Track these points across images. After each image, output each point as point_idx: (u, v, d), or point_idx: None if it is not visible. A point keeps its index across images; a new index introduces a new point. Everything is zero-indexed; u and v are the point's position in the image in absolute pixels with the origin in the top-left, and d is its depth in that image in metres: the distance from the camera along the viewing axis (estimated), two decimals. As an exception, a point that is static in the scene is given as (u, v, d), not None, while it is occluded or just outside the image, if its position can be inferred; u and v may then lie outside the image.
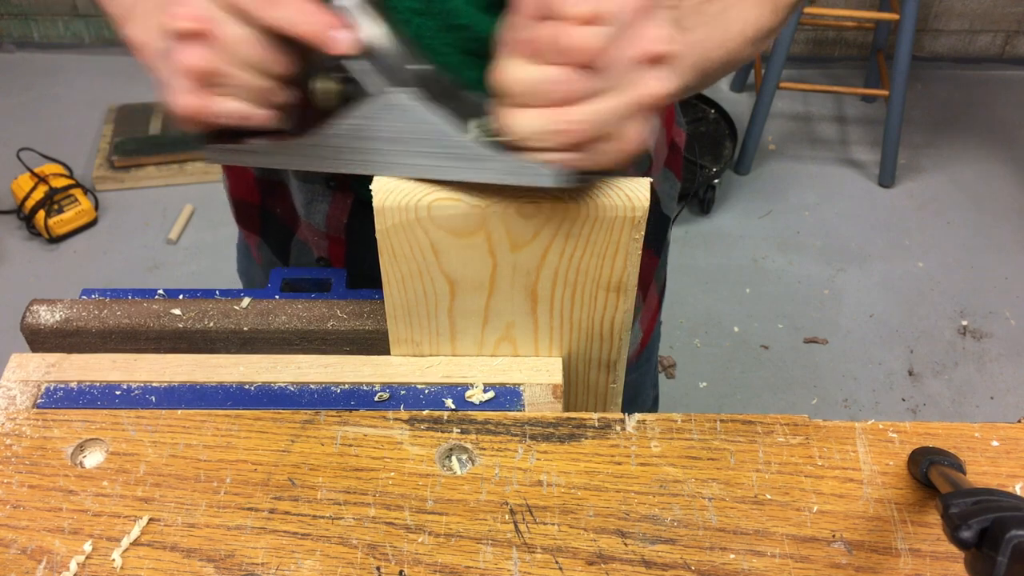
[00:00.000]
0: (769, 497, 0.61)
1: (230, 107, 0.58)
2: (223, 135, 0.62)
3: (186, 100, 0.58)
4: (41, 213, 2.50)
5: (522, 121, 0.54)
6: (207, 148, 0.63)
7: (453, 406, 0.68)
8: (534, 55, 0.53)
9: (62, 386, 0.69)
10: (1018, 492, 0.62)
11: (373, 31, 0.57)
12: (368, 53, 0.57)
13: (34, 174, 2.57)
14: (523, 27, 0.54)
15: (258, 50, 0.57)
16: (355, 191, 0.83)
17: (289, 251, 0.94)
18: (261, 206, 0.95)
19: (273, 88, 0.59)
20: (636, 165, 0.87)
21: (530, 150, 0.55)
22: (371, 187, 0.61)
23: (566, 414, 0.66)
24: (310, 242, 0.90)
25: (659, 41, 0.54)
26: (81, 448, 0.64)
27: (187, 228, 2.59)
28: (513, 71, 0.54)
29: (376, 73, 0.58)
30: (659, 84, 0.54)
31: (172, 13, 0.57)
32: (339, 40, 0.56)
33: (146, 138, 2.79)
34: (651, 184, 0.61)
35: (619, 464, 0.63)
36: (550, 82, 0.53)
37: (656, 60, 0.54)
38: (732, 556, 0.58)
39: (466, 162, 0.58)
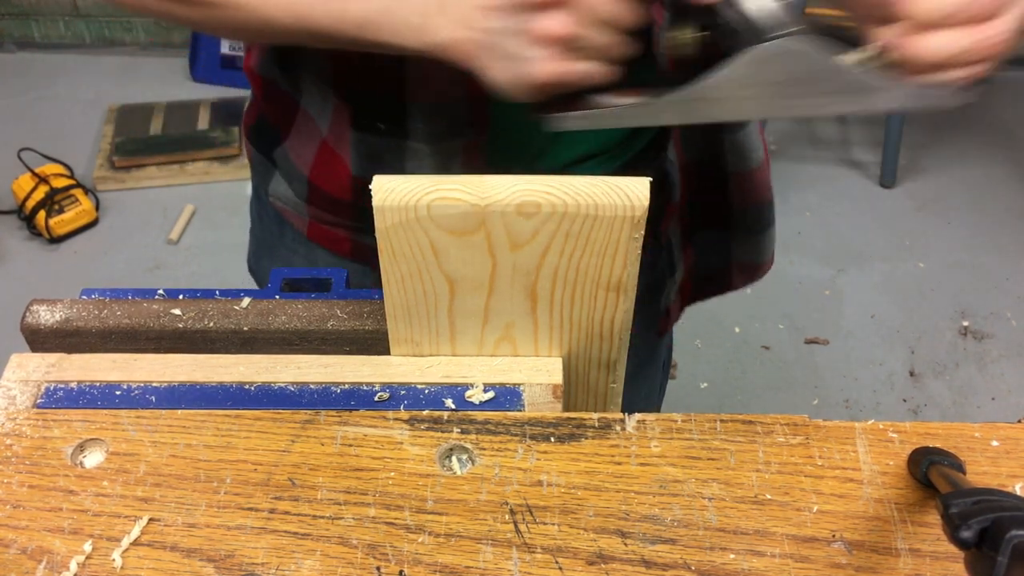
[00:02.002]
0: (769, 497, 0.61)
1: (587, 70, 0.60)
2: (554, 100, 0.62)
3: (549, 68, 0.59)
4: (42, 213, 2.50)
5: (945, 42, 0.56)
6: (552, 117, 0.62)
7: (453, 406, 0.68)
8: None
9: (62, 386, 0.69)
10: (1018, 492, 0.62)
11: None
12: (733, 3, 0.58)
13: (35, 174, 2.57)
14: None
15: (614, 6, 0.58)
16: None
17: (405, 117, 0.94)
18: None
19: (623, 41, 0.60)
20: None
21: (937, 71, 0.57)
22: (371, 187, 0.61)
23: (566, 414, 0.66)
24: (442, 96, 0.90)
25: None
26: (81, 448, 0.64)
27: (188, 228, 2.59)
28: None
29: (748, 20, 0.58)
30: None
31: None
32: None
33: (147, 138, 2.80)
34: (649, 183, 0.61)
35: (619, 464, 0.63)
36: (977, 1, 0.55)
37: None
38: (732, 556, 0.58)
39: (861, 95, 0.57)
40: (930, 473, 0.59)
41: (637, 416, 0.66)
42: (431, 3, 0.66)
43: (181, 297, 0.74)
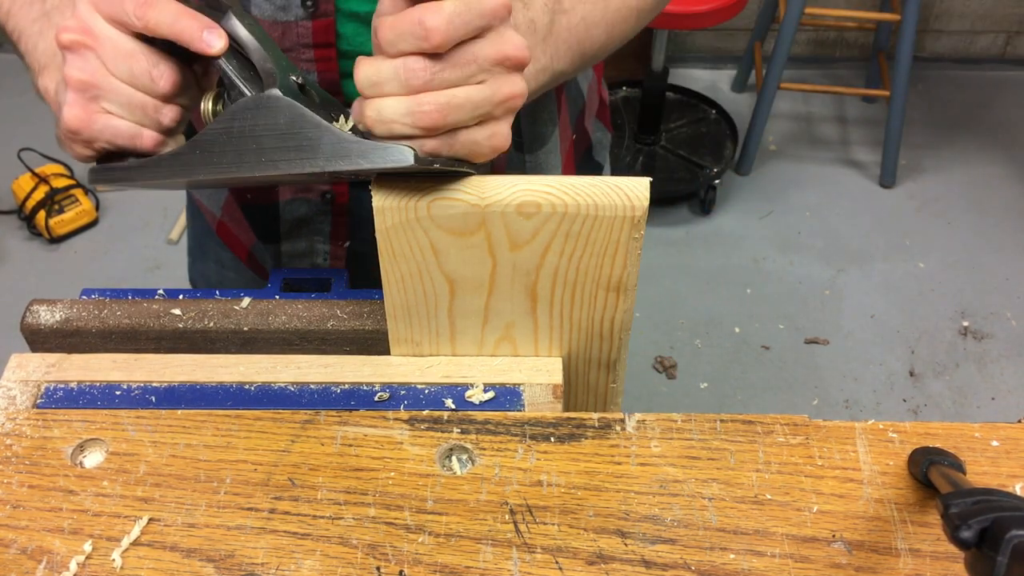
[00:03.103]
0: (769, 497, 0.61)
1: (115, 124, 0.59)
2: (112, 163, 0.61)
3: (70, 112, 0.58)
4: (42, 213, 2.50)
5: (383, 106, 0.55)
6: (90, 171, 0.62)
7: (453, 406, 0.68)
8: (392, 44, 0.55)
9: (62, 386, 0.69)
10: (1018, 492, 0.62)
11: (244, 35, 0.58)
12: (242, 55, 0.58)
13: (35, 174, 2.57)
14: (380, 22, 0.55)
15: (140, 61, 0.58)
16: None
17: (279, 220, 0.94)
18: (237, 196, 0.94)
19: (157, 106, 0.59)
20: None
21: (392, 138, 0.56)
22: (371, 187, 0.61)
23: (566, 414, 0.66)
24: (305, 191, 0.90)
25: (519, 47, 0.56)
26: (81, 448, 0.64)
27: (188, 228, 2.59)
28: (371, 65, 0.56)
29: (250, 74, 0.58)
30: (515, 87, 0.57)
31: (58, 28, 0.58)
32: (212, 41, 0.57)
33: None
34: (649, 183, 0.61)
35: (619, 464, 0.63)
36: (408, 68, 0.54)
37: (514, 65, 0.56)
38: (732, 556, 0.58)
39: (329, 156, 0.57)
40: (930, 473, 0.59)
41: (637, 416, 0.66)
42: (46, 52, 0.66)
43: (181, 297, 0.74)
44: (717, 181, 2.54)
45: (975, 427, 0.65)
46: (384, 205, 0.60)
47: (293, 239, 0.92)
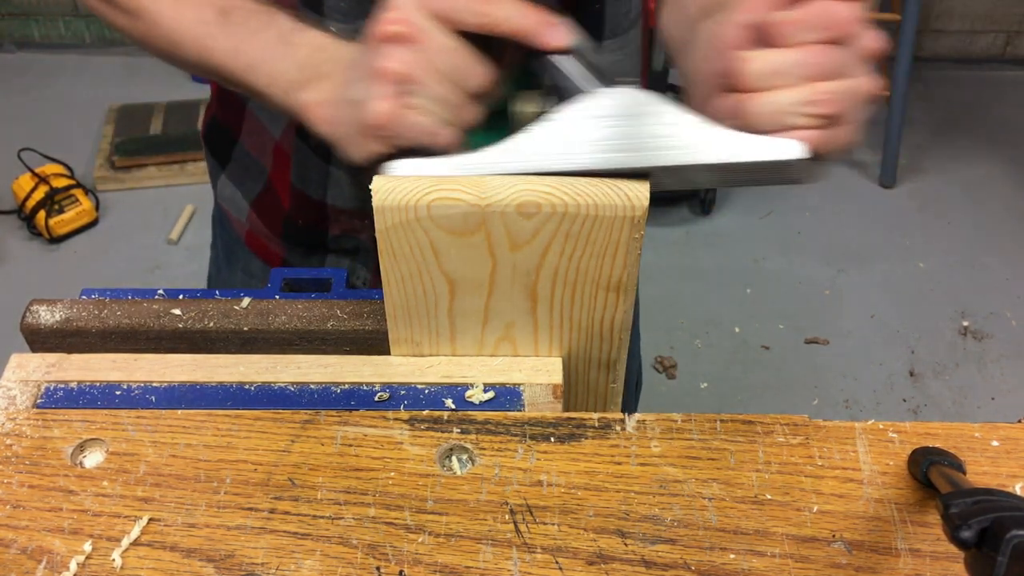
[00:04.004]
0: (769, 497, 0.61)
1: (422, 122, 0.58)
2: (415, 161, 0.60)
3: (380, 106, 0.57)
4: (42, 213, 2.50)
5: (777, 98, 0.55)
6: (385, 169, 0.60)
7: (453, 406, 0.68)
8: (786, 37, 0.54)
9: (62, 386, 0.69)
10: (1018, 492, 0.62)
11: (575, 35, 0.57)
12: (576, 51, 0.57)
13: (35, 174, 2.57)
14: (767, 17, 0.55)
15: (460, 60, 0.57)
16: None
17: (327, 248, 0.94)
18: (289, 213, 0.94)
19: (465, 104, 0.59)
20: None
21: (782, 127, 0.56)
22: (371, 187, 0.61)
23: (566, 414, 0.66)
24: (359, 230, 0.90)
25: (878, 41, 0.56)
26: (81, 448, 0.64)
27: (187, 228, 2.59)
28: (766, 56, 0.55)
29: (587, 71, 0.57)
30: (874, 81, 0.57)
31: (380, 19, 0.57)
32: (555, 35, 0.56)
33: (147, 138, 2.80)
34: (649, 183, 0.61)
35: (619, 464, 0.63)
36: (812, 56, 0.54)
37: (876, 57, 0.57)
38: (732, 556, 0.58)
39: (710, 149, 0.56)
40: (930, 473, 0.59)
41: (637, 416, 0.66)
42: (311, 65, 0.65)
43: (181, 297, 0.74)
44: (717, 181, 2.53)
45: (975, 427, 0.65)
46: (384, 205, 0.60)
47: (338, 257, 0.93)
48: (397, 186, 0.60)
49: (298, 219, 0.94)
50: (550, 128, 0.57)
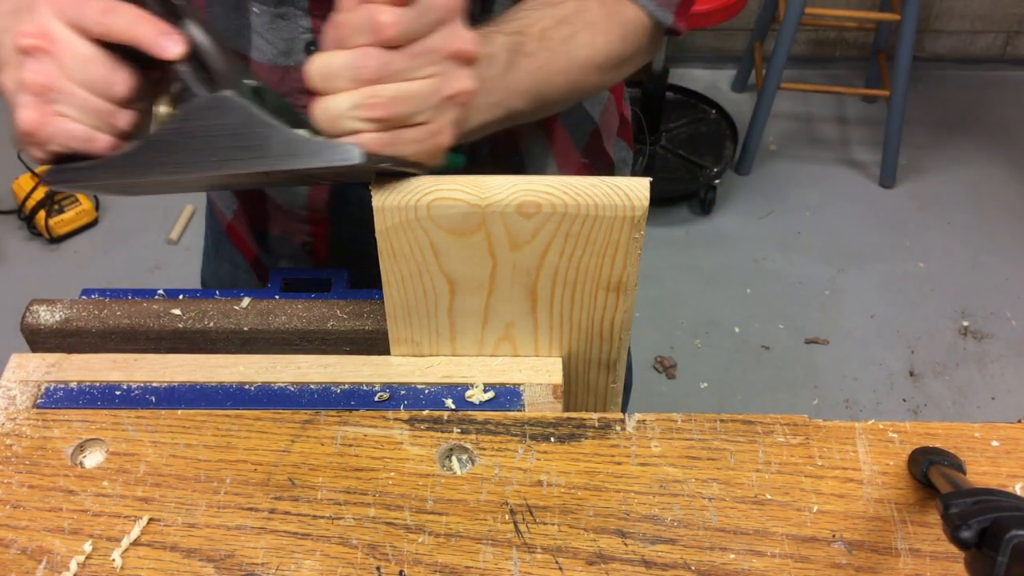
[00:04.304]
0: (769, 497, 0.61)
1: (70, 128, 0.59)
2: (67, 164, 0.61)
3: (25, 114, 0.58)
4: (42, 213, 2.50)
5: (332, 102, 0.55)
6: (46, 173, 0.62)
7: (453, 406, 0.68)
8: (344, 40, 0.55)
9: (62, 386, 0.69)
10: (1018, 492, 0.62)
11: (202, 40, 0.58)
12: (198, 59, 0.58)
13: (35, 174, 2.57)
14: (336, 18, 0.55)
15: (97, 67, 0.58)
16: None
17: (270, 252, 0.94)
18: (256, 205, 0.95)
19: (113, 110, 0.59)
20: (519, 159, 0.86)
21: (342, 135, 0.56)
22: (371, 187, 0.61)
23: (566, 414, 0.66)
24: (290, 232, 0.90)
25: (470, 41, 0.57)
26: (81, 448, 0.64)
27: (187, 228, 2.59)
28: (323, 58, 0.56)
29: (205, 77, 0.58)
30: (467, 82, 0.57)
31: (17, 32, 0.58)
32: (169, 44, 0.57)
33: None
34: (650, 183, 0.61)
35: (619, 464, 0.63)
36: (360, 59, 0.54)
37: (467, 59, 0.57)
38: (732, 556, 0.58)
39: (279, 156, 0.57)
40: (930, 473, 0.59)
41: (637, 416, 0.66)
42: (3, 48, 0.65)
43: (181, 297, 0.74)
44: (717, 181, 2.54)
45: (975, 427, 0.65)
46: (384, 205, 0.60)
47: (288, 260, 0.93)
48: (397, 186, 0.60)
49: (245, 217, 0.94)
50: (162, 135, 0.59)
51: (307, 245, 0.90)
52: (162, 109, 0.61)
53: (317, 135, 0.57)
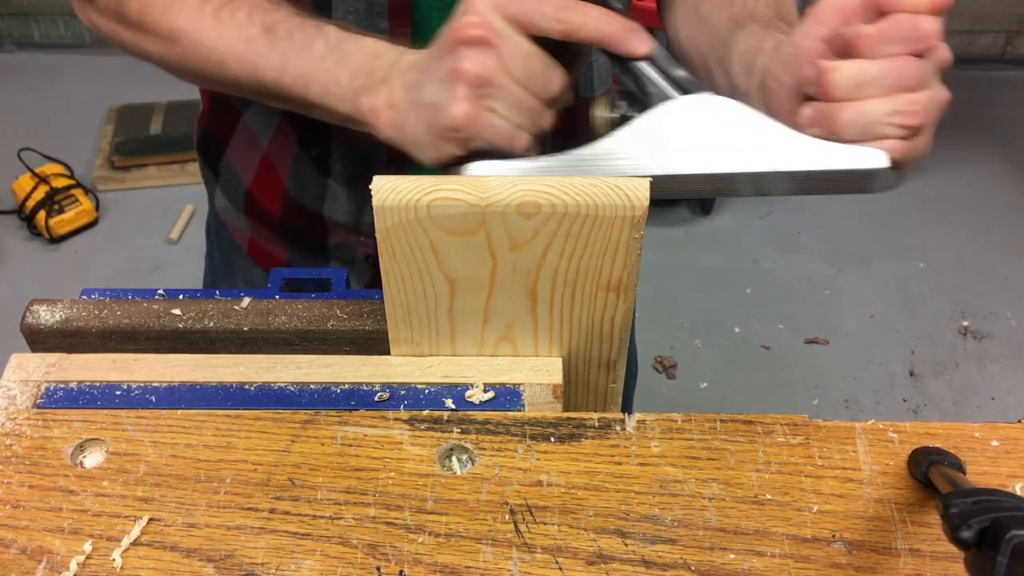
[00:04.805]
0: (769, 497, 0.61)
1: (499, 125, 0.58)
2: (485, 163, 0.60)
3: (460, 107, 0.57)
4: (42, 213, 2.50)
5: (868, 107, 0.56)
6: (463, 170, 0.60)
7: (453, 406, 0.68)
8: (874, 49, 0.55)
9: (62, 386, 0.69)
10: (1018, 492, 0.62)
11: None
12: (654, 59, 0.57)
13: (35, 174, 2.57)
14: (837, 26, 0.56)
15: (537, 65, 0.57)
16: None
17: (328, 256, 0.95)
18: (281, 222, 0.94)
19: (541, 109, 0.59)
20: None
21: (863, 140, 0.56)
22: (371, 186, 0.61)
23: (566, 414, 0.66)
24: (355, 244, 0.91)
25: (948, 52, 0.58)
26: (81, 448, 0.64)
27: (188, 228, 2.59)
28: (855, 67, 0.56)
29: (665, 78, 0.57)
30: (946, 92, 0.59)
31: (459, 23, 0.57)
32: (639, 42, 0.56)
33: (147, 138, 2.80)
34: (649, 183, 0.61)
35: (619, 464, 0.63)
36: (900, 68, 0.55)
37: (945, 69, 0.59)
38: (732, 556, 0.58)
39: (795, 156, 0.56)
40: (930, 473, 0.59)
41: (637, 416, 0.66)
42: (371, 70, 0.65)
43: (181, 297, 0.74)
44: (717, 181, 2.53)
45: (975, 427, 0.65)
46: (384, 205, 0.60)
47: (340, 264, 0.93)
48: (397, 186, 0.60)
49: (296, 224, 0.94)
50: (636, 133, 0.58)
51: (370, 258, 0.91)
52: (601, 112, 0.60)
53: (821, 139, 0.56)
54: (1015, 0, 2.92)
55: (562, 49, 0.58)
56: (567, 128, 0.71)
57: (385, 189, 0.60)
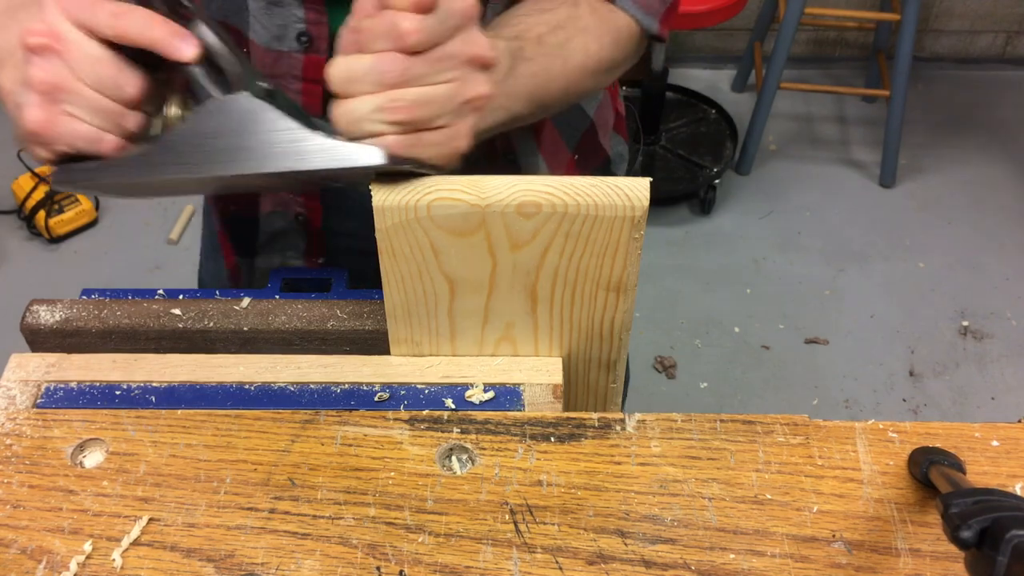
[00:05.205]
0: (769, 497, 0.61)
1: (77, 128, 0.59)
2: (73, 166, 0.61)
3: (33, 114, 0.58)
4: (42, 213, 2.50)
5: (354, 105, 0.56)
6: (53, 173, 0.61)
7: (453, 406, 0.68)
8: (365, 45, 0.56)
9: (62, 386, 0.69)
10: (1018, 492, 0.62)
11: (212, 41, 0.58)
12: (210, 60, 0.58)
13: (35, 174, 2.57)
14: (357, 23, 0.56)
15: (107, 67, 0.58)
16: None
17: (257, 232, 0.94)
18: (216, 202, 0.95)
19: (121, 111, 0.59)
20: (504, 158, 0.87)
21: (362, 138, 0.57)
22: (371, 187, 0.61)
23: (566, 414, 0.66)
24: (283, 203, 0.90)
25: (486, 47, 0.58)
26: (81, 448, 0.64)
27: (187, 228, 2.59)
28: (345, 62, 0.56)
29: (219, 79, 0.58)
30: (485, 87, 0.59)
31: (24, 30, 0.58)
32: (184, 46, 0.57)
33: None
34: (649, 183, 0.61)
35: (619, 464, 0.63)
36: (383, 64, 0.55)
37: (484, 64, 0.58)
38: (732, 556, 0.58)
39: (300, 156, 0.57)
40: (930, 473, 0.59)
41: (637, 416, 0.66)
42: (5, 47, 0.65)
43: (181, 297, 0.74)
44: (717, 181, 2.54)
45: (975, 427, 0.65)
46: (384, 205, 0.60)
47: (267, 253, 0.93)
48: (397, 186, 0.60)
49: (231, 206, 0.93)
50: (175, 136, 0.59)
51: (300, 216, 0.90)
52: (172, 111, 0.61)
53: (331, 137, 0.57)
54: (1015, 0, 2.92)
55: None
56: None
57: (385, 189, 0.60)
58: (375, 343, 0.71)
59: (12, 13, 0.66)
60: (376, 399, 0.68)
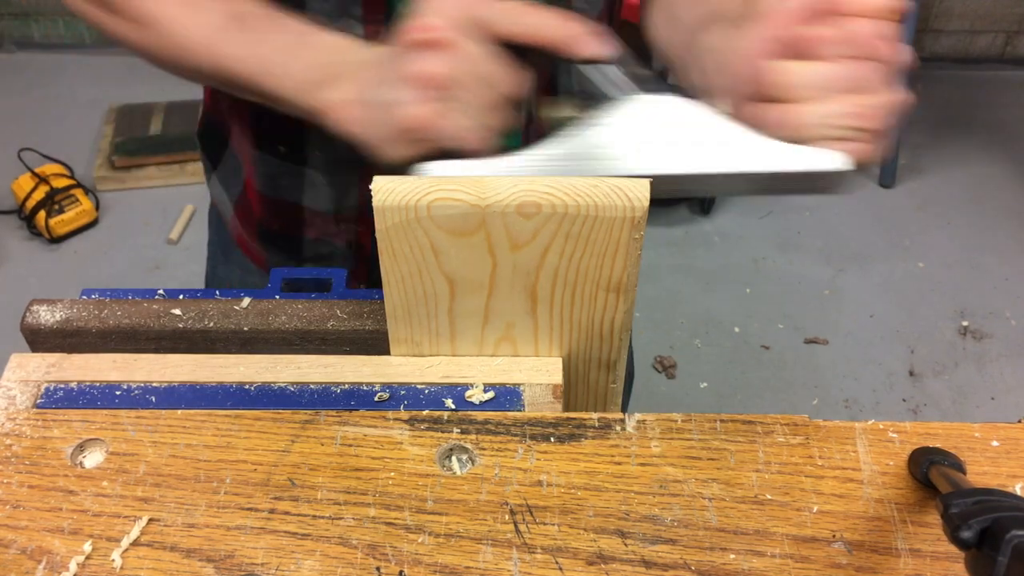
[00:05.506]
0: (769, 497, 0.61)
1: (461, 124, 0.58)
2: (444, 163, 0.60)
3: (417, 110, 0.57)
4: (42, 213, 2.50)
5: (822, 108, 0.56)
6: (421, 170, 0.60)
7: (453, 406, 0.68)
8: (817, 50, 0.55)
9: (62, 386, 0.69)
10: (1018, 492, 0.62)
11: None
12: (614, 60, 0.58)
13: (35, 174, 2.57)
14: (790, 27, 0.56)
15: (494, 66, 0.57)
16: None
17: (303, 255, 0.94)
18: (259, 220, 0.95)
19: (499, 111, 0.59)
20: None
21: (819, 141, 0.56)
22: (371, 187, 0.61)
23: (566, 414, 0.66)
24: (334, 235, 0.90)
25: (907, 54, 0.58)
26: (81, 448, 0.64)
27: (188, 228, 2.59)
28: (806, 66, 0.56)
29: (625, 79, 0.57)
30: (904, 95, 0.58)
31: (412, 26, 0.57)
32: (592, 44, 0.56)
33: (147, 138, 2.80)
34: (649, 183, 0.61)
35: (619, 464, 0.63)
36: (853, 71, 0.55)
37: (905, 71, 0.58)
38: (732, 556, 0.58)
39: (759, 158, 0.56)
40: (930, 473, 0.59)
41: (637, 416, 0.66)
42: (328, 65, 0.65)
43: (181, 297, 0.74)
44: (717, 181, 2.53)
45: (975, 427, 0.65)
46: (384, 205, 0.60)
47: (315, 264, 0.93)
48: (397, 186, 0.60)
49: (271, 224, 0.94)
50: (593, 133, 0.58)
51: (352, 244, 0.90)
52: (560, 114, 0.60)
53: (769, 140, 0.56)
54: (1015, 0, 2.92)
55: (524, 50, 0.58)
56: (530, 128, 0.71)
57: (385, 189, 0.60)
58: (375, 343, 0.71)
59: (303, 39, 0.66)
60: (376, 399, 0.68)
